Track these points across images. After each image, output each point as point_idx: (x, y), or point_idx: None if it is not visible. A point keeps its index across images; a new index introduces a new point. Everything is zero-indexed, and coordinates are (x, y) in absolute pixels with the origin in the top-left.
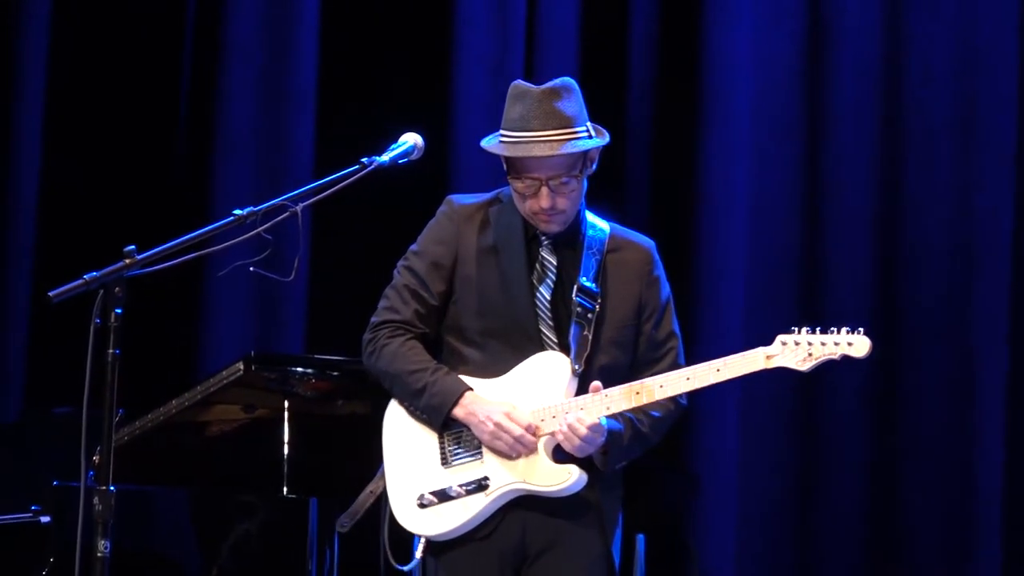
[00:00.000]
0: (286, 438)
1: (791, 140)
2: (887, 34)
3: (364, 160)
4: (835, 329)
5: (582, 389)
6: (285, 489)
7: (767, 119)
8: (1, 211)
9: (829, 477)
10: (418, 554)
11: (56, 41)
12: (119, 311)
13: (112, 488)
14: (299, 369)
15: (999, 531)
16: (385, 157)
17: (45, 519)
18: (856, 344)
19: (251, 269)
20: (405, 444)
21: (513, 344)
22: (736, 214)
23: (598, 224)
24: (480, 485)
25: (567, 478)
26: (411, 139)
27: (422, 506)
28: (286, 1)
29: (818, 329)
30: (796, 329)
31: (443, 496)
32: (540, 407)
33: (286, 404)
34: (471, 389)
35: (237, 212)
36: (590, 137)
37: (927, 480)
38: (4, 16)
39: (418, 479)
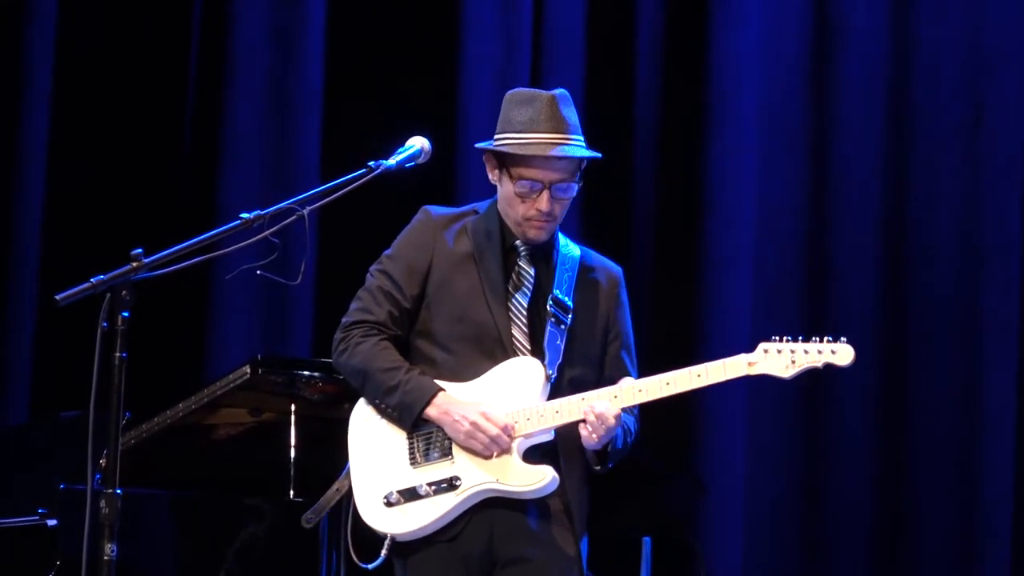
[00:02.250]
0: (293, 441)
1: (798, 143)
2: (894, 37)
3: (371, 164)
4: (818, 338)
5: (551, 397)
6: (291, 492)
7: (774, 122)
8: (8, 214)
9: (836, 479)
10: (383, 552)
11: (62, 45)
12: (126, 314)
13: (119, 491)
14: (306, 372)
15: (1009, 533)
16: (392, 161)
17: (52, 522)
18: (840, 352)
19: (258, 272)
20: (372, 443)
21: (484, 349)
22: (743, 216)
23: (570, 245)
24: (451, 484)
25: (541, 479)
26: (418, 143)
27: (388, 504)
28: (292, 5)
29: (800, 338)
30: (778, 337)
31: (411, 495)
32: (515, 409)
33: (293, 407)
34: (444, 390)
35: (244, 216)
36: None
37: (935, 482)
38: (10, 19)
39: (385, 478)
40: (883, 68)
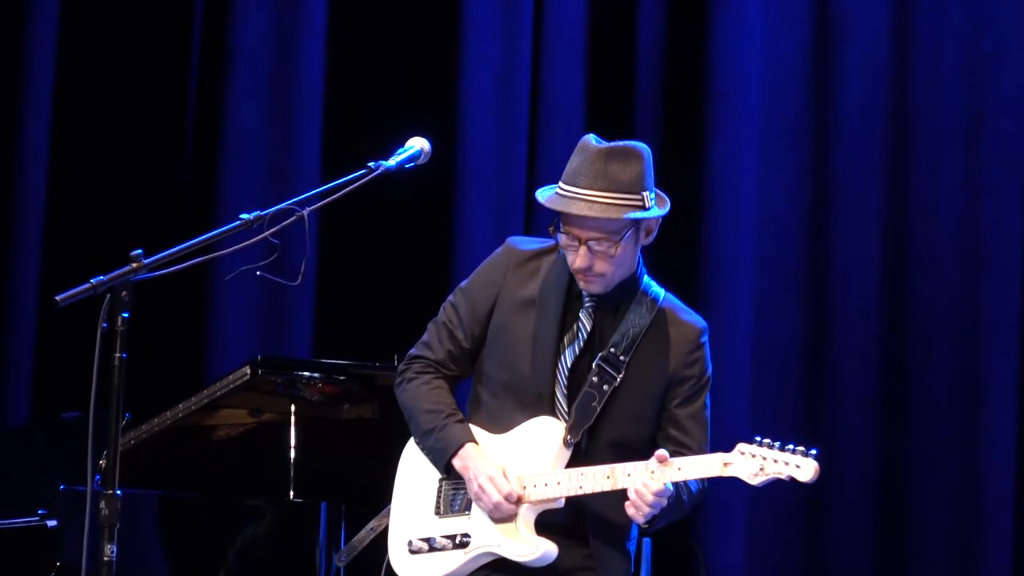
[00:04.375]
0: (292, 442)
1: (799, 144)
2: (895, 39)
3: (371, 164)
4: (792, 446)
5: (581, 461)
6: (291, 493)
7: (775, 123)
8: (8, 214)
9: (836, 479)
10: None
11: (63, 45)
12: (126, 315)
13: (119, 492)
14: (306, 373)
15: (1010, 536)
16: (392, 162)
17: (52, 523)
18: (803, 468)
19: (258, 273)
20: (411, 485)
21: (525, 402)
22: (744, 218)
23: (649, 297)
24: (461, 541)
25: (532, 551)
26: (418, 144)
27: (411, 552)
28: (293, 5)
29: (777, 444)
30: (759, 439)
31: (430, 545)
32: (526, 474)
33: (293, 408)
34: (474, 441)
35: (244, 216)
36: (644, 208)
37: (937, 484)
38: (12, 20)
39: (412, 523)
40: (883, 68)
